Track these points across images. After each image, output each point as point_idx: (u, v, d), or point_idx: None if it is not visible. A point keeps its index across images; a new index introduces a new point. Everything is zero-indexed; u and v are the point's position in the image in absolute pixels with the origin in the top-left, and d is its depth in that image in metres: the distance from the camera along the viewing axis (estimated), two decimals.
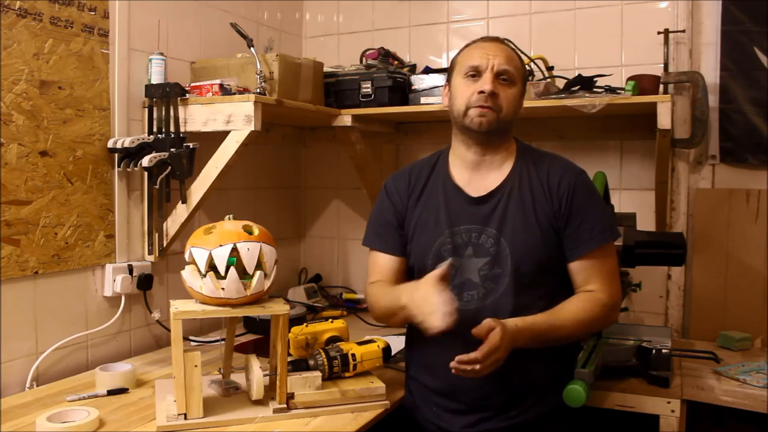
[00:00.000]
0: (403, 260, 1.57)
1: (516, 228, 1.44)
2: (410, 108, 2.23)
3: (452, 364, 1.28)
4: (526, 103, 1.98)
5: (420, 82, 2.25)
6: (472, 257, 1.46)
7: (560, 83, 2.12)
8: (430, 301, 1.30)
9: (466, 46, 1.54)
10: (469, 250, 1.47)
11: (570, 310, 1.41)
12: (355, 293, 2.64)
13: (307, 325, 1.63)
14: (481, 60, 1.46)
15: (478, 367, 1.27)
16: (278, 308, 1.41)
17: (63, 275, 1.76)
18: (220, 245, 1.36)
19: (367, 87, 2.25)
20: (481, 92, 1.43)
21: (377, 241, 1.60)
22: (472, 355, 1.27)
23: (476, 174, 1.52)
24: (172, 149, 1.88)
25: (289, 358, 1.50)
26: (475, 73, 1.46)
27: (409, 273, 1.56)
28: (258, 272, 1.39)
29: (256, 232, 1.42)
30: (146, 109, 1.95)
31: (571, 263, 1.46)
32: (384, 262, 1.57)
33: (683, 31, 2.14)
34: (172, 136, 1.90)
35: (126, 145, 1.83)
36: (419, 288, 1.36)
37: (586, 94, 1.94)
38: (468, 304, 1.44)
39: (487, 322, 1.30)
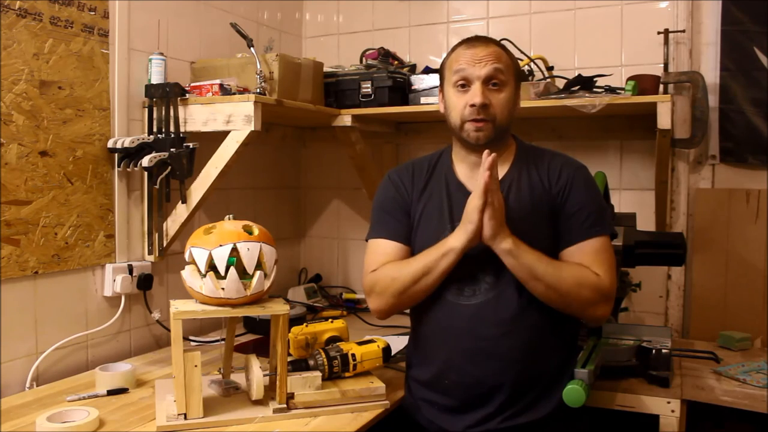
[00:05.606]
0: (409, 249, 1.52)
1: (515, 222, 1.43)
2: (410, 108, 2.23)
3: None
4: (526, 103, 2.00)
5: (420, 82, 2.25)
6: (474, 252, 1.46)
7: (560, 83, 2.12)
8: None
9: (453, 49, 1.51)
10: None
11: (563, 265, 1.41)
12: (355, 293, 2.63)
13: (307, 325, 1.63)
14: (468, 69, 1.43)
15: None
16: (278, 308, 1.41)
17: (63, 275, 1.76)
18: (220, 245, 1.36)
19: (367, 87, 2.25)
20: (473, 105, 1.42)
21: (382, 230, 1.55)
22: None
23: (478, 171, 1.51)
24: (172, 149, 1.88)
25: (289, 358, 1.50)
26: (465, 83, 1.44)
27: None
28: (258, 272, 1.39)
29: (256, 232, 1.42)
30: (146, 109, 1.95)
31: (562, 251, 1.45)
32: (390, 250, 1.52)
33: (683, 31, 2.14)
34: (172, 136, 1.90)
35: (126, 145, 1.83)
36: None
37: (586, 94, 1.94)
38: (471, 299, 1.44)
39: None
